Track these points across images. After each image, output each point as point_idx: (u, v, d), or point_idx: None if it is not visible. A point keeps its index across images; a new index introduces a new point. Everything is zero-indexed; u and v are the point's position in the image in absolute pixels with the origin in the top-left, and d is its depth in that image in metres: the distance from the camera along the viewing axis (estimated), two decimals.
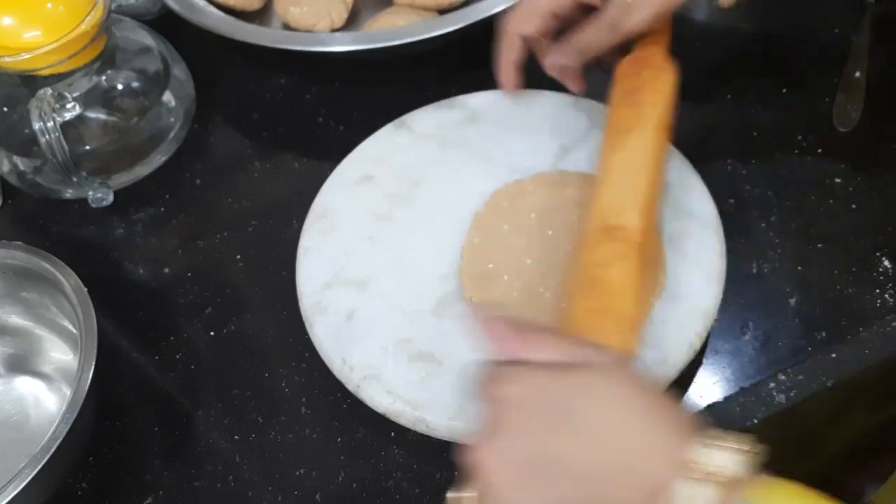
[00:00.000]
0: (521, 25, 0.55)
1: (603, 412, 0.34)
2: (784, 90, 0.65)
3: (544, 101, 0.62)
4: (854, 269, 0.57)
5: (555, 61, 0.57)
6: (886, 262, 0.57)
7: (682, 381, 0.52)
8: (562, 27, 0.56)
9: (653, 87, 0.53)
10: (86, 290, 0.53)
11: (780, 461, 0.58)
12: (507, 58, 0.57)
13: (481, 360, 0.39)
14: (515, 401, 0.36)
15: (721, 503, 0.31)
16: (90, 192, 0.64)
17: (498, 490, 0.35)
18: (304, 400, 0.55)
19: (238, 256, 0.63)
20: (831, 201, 0.60)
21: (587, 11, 0.54)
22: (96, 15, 0.60)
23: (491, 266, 0.55)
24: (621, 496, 0.33)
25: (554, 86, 0.60)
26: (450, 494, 0.39)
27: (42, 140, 0.59)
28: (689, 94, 0.67)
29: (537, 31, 0.55)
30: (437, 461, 0.52)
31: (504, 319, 0.39)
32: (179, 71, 0.70)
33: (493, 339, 0.39)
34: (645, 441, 0.33)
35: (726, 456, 0.32)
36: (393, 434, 0.53)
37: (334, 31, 0.72)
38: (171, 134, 0.68)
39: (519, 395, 0.36)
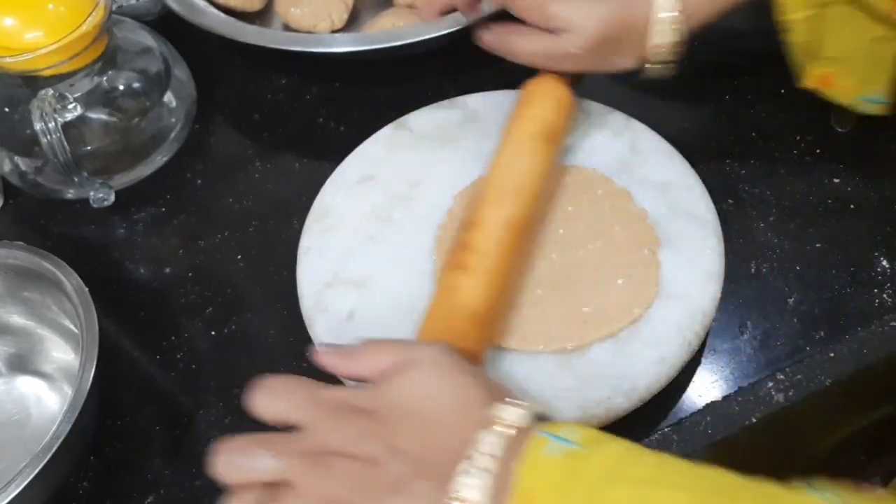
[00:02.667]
0: None
1: (421, 399, 0.40)
2: (783, 90, 0.65)
3: None
4: (852, 268, 0.57)
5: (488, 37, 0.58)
6: (884, 262, 0.57)
7: (681, 381, 0.52)
8: None
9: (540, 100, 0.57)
10: (87, 289, 0.53)
11: (777, 460, 0.58)
12: None
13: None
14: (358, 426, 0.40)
15: (515, 443, 0.37)
16: (91, 193, 0.64)
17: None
18: None
19: (239, 256, 0.63)
20: (829, 201, 0.60)
21: None
22: (97, 16, 0.61)
23: None
24: (443, 459, 0.38)
25: None
26: None
27: (43, 140, 0.59)
28: (688, 94, 0.67)
29: None
30: None
31: (331, 348, 0.44)
32: (180, 71, 0.70)
33: (329, 367, 0.44)
34: (455, 411, 0.39)
35: (519, 411, 0.39)
36: None
37: (335, 31, 0.72)
38: (172, 134, 0.68)
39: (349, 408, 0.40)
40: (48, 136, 0.59)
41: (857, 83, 0.56)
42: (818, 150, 0.62)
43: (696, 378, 0.54)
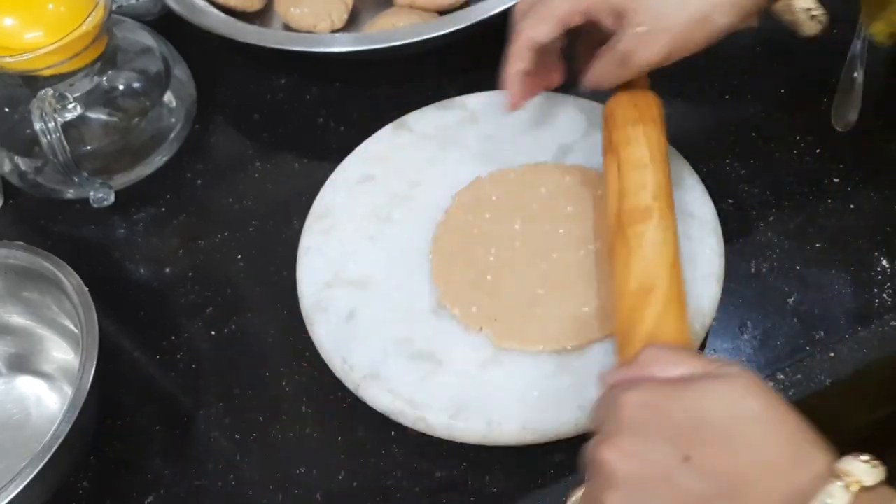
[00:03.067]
0: (535, 29, 0.52)
1: (738, 420, 0.36)
2: (783, 90, 0.65)
3: (544, 102, 0.62)
4: (852, 268, 0.57)
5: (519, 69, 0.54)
6: (884, 262, 0.57)
7: None
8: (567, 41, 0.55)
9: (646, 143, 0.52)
10: (87, 289, 0.54)
11: None
12: (516, 67, 0.54)
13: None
14: (640, 405, 0.37)
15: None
16: (91, 192, 0.64)
17: (627, 486, 0.36)
18: (304, 399, 0.56)
19: (239, 256, 0.63)
20: (829, 201, 0.60)
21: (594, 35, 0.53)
22: (97, 16, 0.61)
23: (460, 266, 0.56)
24: (755, 494, 0.34)
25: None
26: (573, 496, 0.41)
27: (43, 140, 0.59)
28: (687, 94, 0.67)
29: (548, 39, 0.52)
30: (437, 460, 0.52)
31: (615, 369, 0.41)
32: (180, 71, 0.70)
33: (619, 382, 0.40)
34: (788, 449, 0.35)
35: (866, 467, 0.34)
36: (393, 433, 0.53)
37: (335, 31, 0.72)
38: (172, 134, 0.68)
39: (643, 400, 0.37)
40: (48, 136, 0.59)
41: None
42: (818, 150, 0.62)
43: None
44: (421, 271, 0.56)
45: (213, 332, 0.59)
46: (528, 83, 0.55)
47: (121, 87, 0.67)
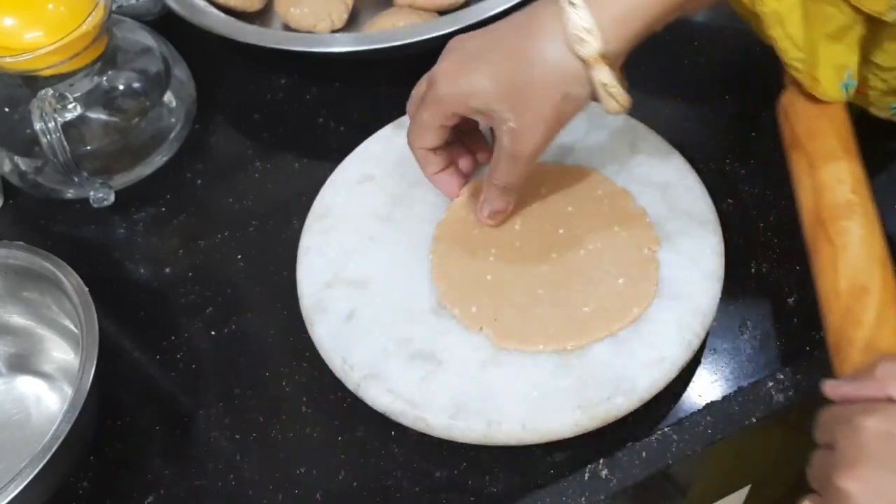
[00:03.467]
0: (422, 140, 0.54)
1: None
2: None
3: None
4: None
5: (490, 209, 0.55)
6: None
7: (681, 381, 0.52)
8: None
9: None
10: (87, 289, 0.53)
11: (777, 460, 0.58)
12: (432, 170, 0.56)
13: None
14: (883, 434, 0.36)
15: None
16: (91, 193, 0.65)
17: None
18: (304, 399, 0.56)
19: (239, 256, 0.63)
20: None
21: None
22: (97, 16, 0.61)
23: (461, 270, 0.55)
24: None
25: None
26: None
27: (43, 140, 0.59)
28: (688, 94, 0.67)
29: (437, 144, 0.53)
30: (437, 460, 0.52)
31: (843, 382, 0.41)
32: (180, 71, 0.70)
33: (845, 398, 0.40)
34: None
35: None
36: (393, 433, 0.53)
37: (335, 31, 0.72)
38: (172, 134, 0.69)
39: (886, 430, 0.37)
40: (48, 136, 0.59)
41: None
42: None
43: (696, 378, 0.54)
44: (421, 271, 0.56)
45: (213, 332, 0.59)
46: (455, 172, 0.57)
47: (121, 87, 0.67)
